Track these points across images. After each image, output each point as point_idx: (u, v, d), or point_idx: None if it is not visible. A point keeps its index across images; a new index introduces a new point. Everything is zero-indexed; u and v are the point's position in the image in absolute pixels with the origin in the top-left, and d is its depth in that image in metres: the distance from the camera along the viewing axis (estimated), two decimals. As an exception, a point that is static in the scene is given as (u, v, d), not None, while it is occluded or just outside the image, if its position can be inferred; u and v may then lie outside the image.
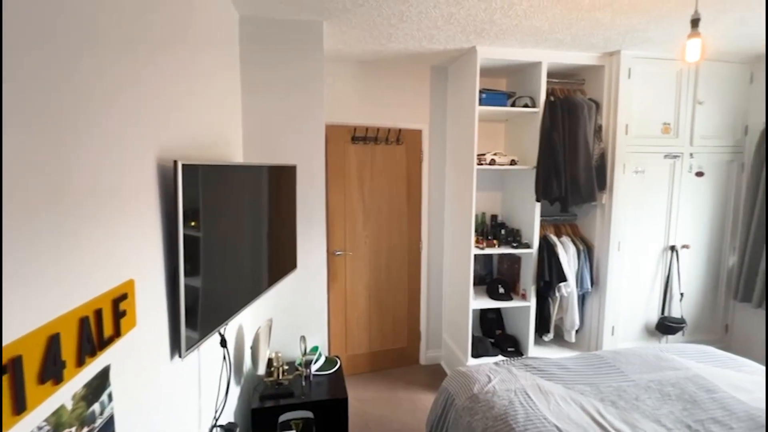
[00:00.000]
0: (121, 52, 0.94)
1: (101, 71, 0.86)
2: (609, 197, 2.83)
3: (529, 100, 2.81)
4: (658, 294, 3.03)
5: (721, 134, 2.99)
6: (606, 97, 2.82)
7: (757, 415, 1.59)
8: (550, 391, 1.74)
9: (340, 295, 3.06)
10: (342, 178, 2.99)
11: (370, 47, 2.65)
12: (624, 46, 2.64)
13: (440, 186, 3.25)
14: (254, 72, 2.15)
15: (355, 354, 3.14)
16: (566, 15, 2.12)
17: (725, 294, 3.14)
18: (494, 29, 2.33)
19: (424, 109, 3.15)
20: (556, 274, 2.79)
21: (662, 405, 1.68)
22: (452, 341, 3.14)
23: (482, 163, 2.80)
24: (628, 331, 3.01)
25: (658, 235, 2.99)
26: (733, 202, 3.07)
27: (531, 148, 2.82)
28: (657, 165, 2.91)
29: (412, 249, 3.22)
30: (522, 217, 3.00)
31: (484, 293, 3.07)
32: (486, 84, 2.97)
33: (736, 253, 3.04)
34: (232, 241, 1.53)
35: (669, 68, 2.82)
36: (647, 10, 2.07)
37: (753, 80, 2.96)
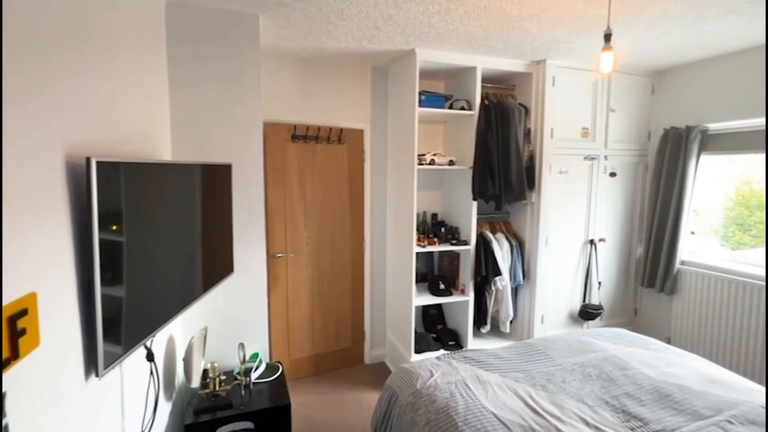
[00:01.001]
0: (16, 43, 0.82)
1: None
2: (538, 196, 3.05)
3: (466, 103, 2.93)
4: (580, 284, 3.33)
5: (630, 139, 3.35)
6: (534, 103, 3.03)
7: (662, 387, 1.80)
8: (488, 381, 1.83)
9: (282, 298, 2.97)
10: (282, 177, 2.89)
11: (310, 44, 2.59)
12: (549, 55, 2.85)
13: (382, 185, 3.28)
14: (183, 65, 2.00)
15: (298, 358, 3.07)
16: (498, 23, 2.24)
17: (634, 281, 3.53)
18: (432, 33, 2.39)
19: (365, 109, 3.15)
20: (492, 269, 2.95)
21: (585, 385, 1.84)
22: (396, 339, 3.18)
23: (422, 163, 2.87)
24: (556, 319, 3.26)
25: (579, 230, 3.28)
26: (639, 200, 3.46)
27: (468, 149, 2.95)
28: (578, 166, 3.19)
29: (355, 249, 3.21)
30: (460, 216, 3.12)
31: (426, 290, 3.16)
32: (425, 86, 3.05)
33: (642, 245, 3.42)
34: (161, 246, 1.42)
35: (587, 78, 3.10)
36: (568, 23, 2.25)
37: (654, 91, 3.35)
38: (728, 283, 2.80)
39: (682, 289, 3.11)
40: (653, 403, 1.71)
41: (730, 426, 1.54)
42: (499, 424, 1.52)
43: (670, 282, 3.14)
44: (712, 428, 1.53)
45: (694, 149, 2.97)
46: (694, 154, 2.98)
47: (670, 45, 2.63)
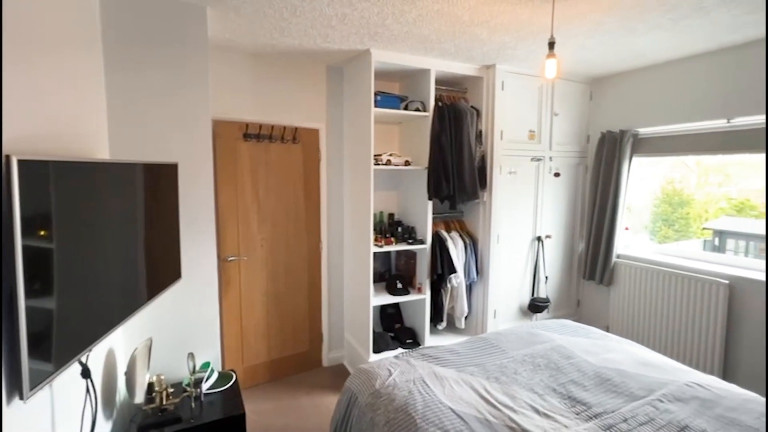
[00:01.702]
0: None
1: None
2: (489, 195, 3.16)
3: (420, 105, 2.98)
4: (529, 278, 3.50)
5: (571, 141, 3.57)
6: (485, 106, 3.15)
7: (602, 372, 1.94)
8: (445, 377, 1.87)
9: (235, 303, 2.85)
10: (233, 177, 2.78)
11: (263, 40, 2.51)
12: (498, 60, 2.97)
13: (339, 185, 3.25)
14: (122, 58, 1.86)
15: (253, 364, 2.96)
16: (450, 27, 2.30)
17: (577, 275, 3.77)
18: (387, 34, 2.41)
19: (320, 109, 3.11)
20: (448, 267, 3.02)
21: (534, 375, 1.94)
22: (354, 339, 3.17)
23: (379, 164, 2.88)
24: (507, 313, 3.41)
25: (527, 227, 3.45)
26: (580, 198, 3.71)
27: (423, 150, 3.00)
28: (525, 167, 3.35)
29: (311, 250, 3.16)
30: (416, 215, 3.17)
31: (383, 289, 3.17)
32: (380, 87, 3.06)
33: (584, 240, 3.67)
34: (99, 252, 1.30)
35: (533, 83, 3.27)
36: (515, 31, 2.36)
37: (592, 97, 3.60)
38: (656, 274, 3.07)
39: (618, 280, 3.37)
40: (595, 387, 1.83)
41: (660, 404, 1.69)
42: (456, 419, 1.56)
43: (607, 274, 3.39)
44: (645, 407, 1.67)
45: (627, 152, 3.23)
46: (627, 156, 3.24)
47: (606, 55, 2.83)
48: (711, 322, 2.74)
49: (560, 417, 1.61)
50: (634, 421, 1.58)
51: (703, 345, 2.79)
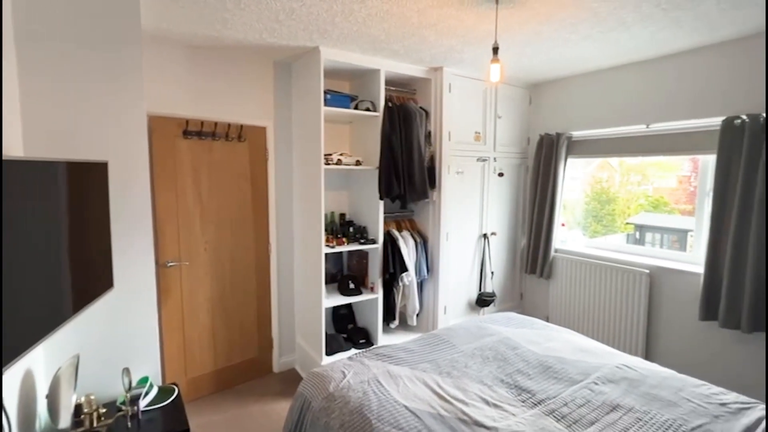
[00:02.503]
0: None
1: None
2: (438, 195, 3.25)
3: (371, 105, 2.98)
4: (476, 274, 3.64)
5: (514, 143, 3.77)
6: (433, 107, 3.22)
7: (545, 361, 2.06)
8: (399, 375, 1.89)
9: (176, 311, 2.67)
10: (173, 178, 2.60)
11: (204, 32, 2.37)
12: (446, 63, 3.05)
13: (288, 186, 3.16)
14: (39, 37, 1.65)
15: (198, 375, 2.80)
16: (399, 29, 2.32)
17: (520, 269, 3.99)
18: (336, 32, 2.38)
19: (268, 106, 3.00)
20: (399, 266, 3.06)
21: (484, 367, 2.02)
22: (306, 343, 3.10)
23: (329, 163, 2.84)
24: (457, 309, 3.52)
25: (474, 225, 3.58)
26: (522, 197, 3.92)
27: (374, 150, 3.00)
28: (472, 167, 3.48)
29: (259, 252, 3.04)
30: (368, 215, 3.17)
31: (335, 290, 3.14)
32: (330, 86, 3.02)
33: (525, 236, 3.89)
34: (10, 263, 1.15)
35: (478, 86, 3.40)
36: (462, 35, 2.44)
37: (531, 102, 3.82)
38: (588, 266, 3.33)
39: (556, 273, 3.61)
40: (539, 375, 1.95)
41: (595, 386, 1.84)
42: (410, 416, 1.58)
43: (547, 268, 3.62)
44: (583, 390, 1.80)
45: (563, 153, 3.47)
46: (563, 158, 3.48)
47: (543, 62, 3.02)
48: (635, 308, 3.02)
49: (508, 406, 1.69)
50: (574, 404, 1.70)
51: (629, 329, 3.07)
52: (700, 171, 2.92)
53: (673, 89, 2.81)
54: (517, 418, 1.59)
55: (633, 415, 1.62)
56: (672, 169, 3.40)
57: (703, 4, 1.98)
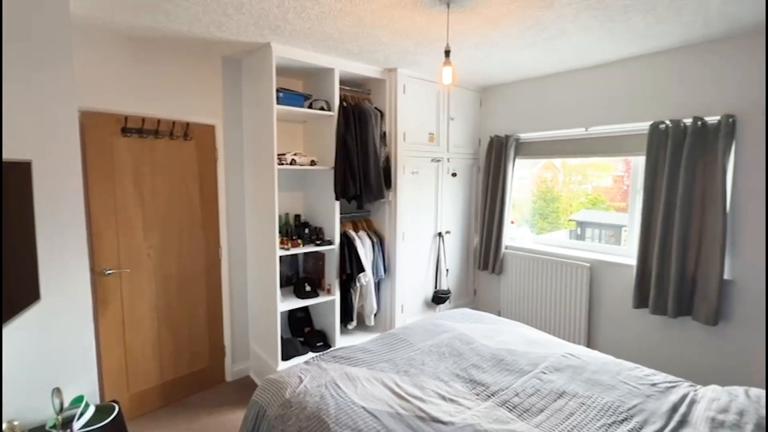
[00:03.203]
0: None
1: None
2: (394, 195, 3.27)
3: (325, 104, 2.94)
4: (431, 272, 3.72)
5: (466, 144, 3.89)
6: (388, 108, 3.24)
7: (497, 354, 2.15)
8: (357, 376, 1.88)
9: (116, 322, 2.48)
10: (110, 179, 2.41)
11: (144, 22, 2.21)
12: (400, 64, 3.09)
13: (239, 186, 3.04)
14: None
15: (142, 390, 2.62)
16: (353, 28, 2.31)
17: (473, 266, 4.12)
18: (289, 28, 2.32)
19: (216, 103, 2.87)
20: (357, 266, 3.05)
21: (440, 363, 2.06)
22: (260, 349, 3.01)
23: (283, 163, 2.77)
24: (413, 307, 3.58)
25: (429, 224, 3.65)
26: (474, 196, 4.06)
27: (329, 150, 2.97)
28: (427, 167, 3.55)
29: (209, 256, 2.90)
30: (324, 216, 3.13)
31: (291, 293, 3.07)
32: (283, 84, 2.95)
33: (478, 234, 4.03)
34: None
35: (432, 88, 3.47)
36: (415, 37, 2.47)
37: (482, 104, 3.96)
38: (536, 261, 3.51)
39: (506, 269, 3.77)
40: (492, 368, 2.02)
41: (543, 376, 1.94)
42: (369, 417, 1.58)
43: (498, 264, 3.77)
44: (532, 380, 1.90)
45: (511, 154, 3.63)
46: (511, 158, 3.64)
47: (493, 66, 3.14)
48: (577, 299, 3.23)
49: (463, 400, 1.74)
50: (524, 393, 1.79)
51: (572, 319, 3.28)
52: (632, 171, 3.17)
53: (609, 96, 3.03)
54: (472, 411, 1.64)
55: (577, 400, 1.73)
56: (608, 169, 3.67)
57: (632, 18, 2.15)
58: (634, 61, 2.86)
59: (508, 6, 2.00)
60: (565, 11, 2.06)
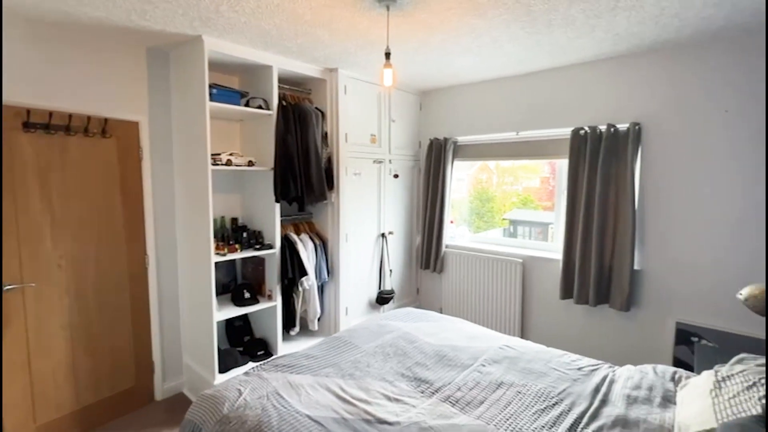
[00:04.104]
0: None
1: None
2: (337, 196, 3.24)
3: (263, 102, 2.83)
4: (375, 273, 3.73)
5: (407, 146, 3.96)
6: (329, 108, 3.20)
7: (440, 350, 2.20)
8: (300, 384, 1.82)
9: (19, 345, 2.17)
10: (9, 179, 2.10)
11: (53, 6, 1.96)
12: (341, 65, 3.06)
13: (168, 188, 2.82)
14: None
15: (54, 419, 2.32)
16: (292, 25, 2.25)
17: (416, 265, 4.21)
18: (222, 21, 2.19)
19: (140, 98, 2.63)
20: (299, 270, 2.96)
21: (385, 364, 2.07)
22: (195, 362, 2.81)
23: (218, 164, 2.62)
24: (358, 309, 3.56)
25: (373, 225, 3.67)
26: (416, 197, 4.15)
27: (268, 150, 2.86)
28: (369, 168, 3.56)
29: (134, 265, 2.65)
30: (263, 219, 3.00)
31: (229, 301, 2.91)
32: (216, 79, 2.79)
33: (420, 234, 4.12)
34: None
35: (373, 90, 3.49)
36: (355, 38, 2.46)
37: (422, 107, 4.06)
38: (474, 259, 3.68)
39: (447, 267, 3.90)
40: (435, 365, 2.07)
41: (483, 368, 2.03)
42: (314, 425, 1.53)
43: (439, 263, 3.89)
44: (473, 374, 1.97)
45: (450, 156, 3.76)
46: (450, 160, 3.77)
47: (431, 70, 3.23)
48: (512, 293, 3.43)
49: (408, 399, 1.76)
50: (466, 387, 1.85)
51: (508, 312, 3.47)
52: (556, 173, 3.44)
53: (536, 103, 3.26)
54: (417, 409, 1.67)
55: (514, 389, 1.83)
56: (536, 171, 3.95)
57: (555, 31, 2.33)
58: (558, 71, 3.11)
59: (445, 12, 2.07)
60: (497, 21, 2.18)
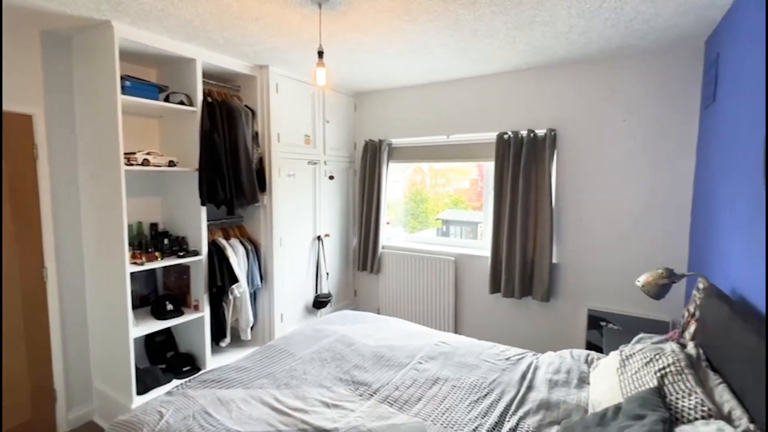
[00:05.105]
0: None
1: None
2: (269, 198, 3.11)
3: (186, 98, 2.62)
4: (311, 277, 3.65)
5: (342, 147, 3.93)
6: (260, 107, 3.06)
7: (378, 351, 2.21)
8: (232, 399, 1.71)
9: None
10: None
11: None
12: (272, 62, 2.94)
13: (72, 191, 2.49)
14: None
15: None
16: (217, 16, 2.11)
17: (353, 267, 4.19)
18: (135, 7, 1.99)
19: (34, 88, 2.28)
20: (229, 277, 2.79)
21: (322, 370, 2.02)
22: (108, 385, 2.51)
23: (132, 164, 2.37)
24: (294, 315, 3.45)
25: (308, 228, 3.58)
26: (352, 198, 4.14)
27: (192, 149, 2.65)
28: (303, 170, 3.47)
29: (29, 279, 2.30)
30: (187, 223, 2.78)
31: (148, 315, 2.65)
32: (130, 71, 2.54)
33: (356, 236, 4.11)
34: None
35: (306, 90, 3.41)
36: (287, 35, 2.39)
37: (356, 109, 4.06)
38: (409, 258, 3.75)
39: (384, 268, 3.94)
40: (373, 366, 2.07)
41: (420, 365, 2.07)
42: (247, 441, 1.44)
43: (376, 264, 3.91)
44: (410, 372, 2.00)
45: (385, 158, 3.81)
46: (385, 162, 3.82)
47: (365, 72, 3.24)
48: (446, 290, 3.56)
49: (347, 403, 1.73)
50: (404, 386, 1.87)
51: (443, 309, 3.60)
52: (484, 175, 3.65)
53: (465, 108, 3.42)
54: (356, 413, 1.65)
55: (449, 383, 1.89)
56: (466, 173, 4.15)
57: (481, 41, 2.47)
58: (484, 78, 3.29)
59: (377, 15, 2.09)
60: (428, 27, 2.25)
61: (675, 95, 2.60)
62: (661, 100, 2.64)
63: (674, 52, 2.57)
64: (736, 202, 1.72)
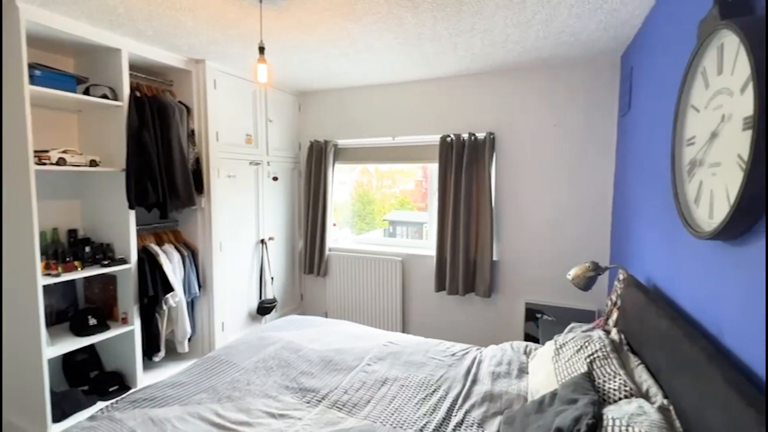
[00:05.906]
0: None
1: None
2: (208, 201, 2.93)
3: (110, 92, 2.39)
4: (255, 282, 3.50)
5: (286, 147, 3.82)
6: (196, 103, 2.89)
7: (326, 356, 2.16)
8: (166, 418, 1.58)
9: None
10: None
11: None
12: (209, 56, 2.78)
13: (-33, 194, 2.16)
14: None
15: None
16: (145, 4, 1.95)
17: (299, 271, 4.09)
18: (44, -13, 1.78)
19: None
20: (162, 286, 2.59)
21: (268, 379, 1.94)
22: (16, 414, 2.21)
23: (45, 163, 2.11)
24: (236, 323, 3.29)
25: (251, 231, 3.43)
26: (297, 200, 4.03)
27: (118, 148, 2.43)
28: (245, 170, 3.32)
29: None
30: (113, 229, 2.54)
31: (66, 331, 2.38)
32: (42, 59, 2.26)
33: (302, 238, 4.02)
34: None
35: (247, 87, 3.27)
36: (224, 29, 2.27)
37: (300, 109, 3.97)
38: (357, 260, 3.74)
39: (331, 270, 3.88)
40: (321, 371, 2.03)
41: (368, 367, 2.06)
42: (184, 462, 1.34)
43: (323, 266, 3.85)
44: (359, 374, 1.99)
45: (330, 159, 3.76)
46: (331, 163, 3.77)
47: (309, 71, 3.18)
48: (393, 290, 3.59)
49: (294, 412, 1.68)
50: (353, 389, 1.85)
51: (390, 309, 3.62)
52: (429, 176, 3.74)
53: (410, 110, 3.48)
54: (303, 421, 1.60)
55: (398, 383, 1.90)
56: (411, 174, 4.23)
57: (424, 45, 2.52)
58: (428, 82, 3.37)
59: (321, 13, 2.05)
60: (372, 28, 2.25)
61: (598, 104, 2.85)
62: (586, 108, 2.88)
63: (597, 64, 2.82)
64: (648, 200, 1.92)
